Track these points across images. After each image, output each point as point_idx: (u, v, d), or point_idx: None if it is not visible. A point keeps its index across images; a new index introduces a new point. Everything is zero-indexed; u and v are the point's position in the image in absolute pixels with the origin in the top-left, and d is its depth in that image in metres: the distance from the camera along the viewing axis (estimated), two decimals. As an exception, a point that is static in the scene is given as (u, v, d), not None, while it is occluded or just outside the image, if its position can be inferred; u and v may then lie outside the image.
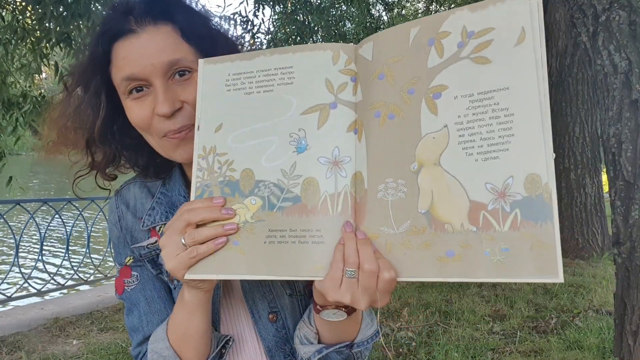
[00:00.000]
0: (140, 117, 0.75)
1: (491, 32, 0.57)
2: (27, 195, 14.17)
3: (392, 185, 0.59)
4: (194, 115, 0.72)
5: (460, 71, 0.57)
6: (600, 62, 2.35)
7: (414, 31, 0.61)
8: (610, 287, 4.48)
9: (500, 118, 0.55)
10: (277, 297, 0.83)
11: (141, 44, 0.73)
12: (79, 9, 4.09)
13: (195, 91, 0.72)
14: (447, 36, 0.59)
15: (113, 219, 0.88)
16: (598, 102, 2.46)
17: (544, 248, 0.52)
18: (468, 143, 0.56)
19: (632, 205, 2.27)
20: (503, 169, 0.54)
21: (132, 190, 0.89)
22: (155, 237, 0.84)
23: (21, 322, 3.64)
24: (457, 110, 0.57)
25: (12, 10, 4.85)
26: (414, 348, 3.24)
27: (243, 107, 0.68)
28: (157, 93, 0.73)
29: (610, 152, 2.37)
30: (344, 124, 0.64)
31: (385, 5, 8.80)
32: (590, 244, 6.20)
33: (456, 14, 0.59)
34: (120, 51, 0.75)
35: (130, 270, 0.86)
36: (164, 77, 0.73)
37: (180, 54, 0.74)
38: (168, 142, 0.76)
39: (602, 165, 6.27)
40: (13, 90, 5.05)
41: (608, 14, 2.27)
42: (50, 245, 7.69)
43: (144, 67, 0.72)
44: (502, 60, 0.56)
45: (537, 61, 0.54)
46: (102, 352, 3.18)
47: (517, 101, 0.54)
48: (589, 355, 3.07)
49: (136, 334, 0.84)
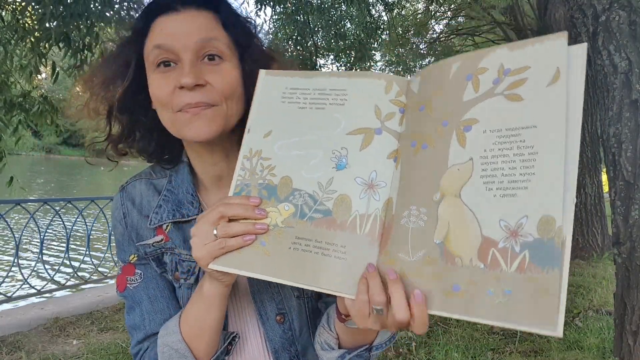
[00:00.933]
0: (162, 90, 0.76)
1: (526, 70, 0.57)
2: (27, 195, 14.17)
3: (415, 213, 0.60)
4: (213, 95, 0.74)
5: (493, 106, 0.58)
6: (600, 62, 2.35)
7: (455, 66, 0.62)
8: (610, 287, 4.48)
9: (524, 155, 0.54)
10: (285, 298, 0.84)
11: (180, 20, 0.76)
12: (78, 8, 4.09)
13: (221, 77, 0.75)
14: (484, 72, 0.60)
15: (118, 216, 0.87)
16: (598, 102, 2.46)
17: (546, 297, 0.50)
18: (489, 177, 0.56)
19: (632, 205, 2.27)
20: (519, 207, 0.53)
21: (137, 187, 0.88)
22: (162, 236, 0.83)
23: (21, 322, 3.64)
24: (484, 145, 0.57)
25: (12, 10, 4.85)
26: (414, 348, 3.24)
27: (294, 119, 0.71)
28: (183, 66, 0.74)
29: (610, 152, 2.37)
30: (385, 150, 0.66)
31: (385, 6, 8.79)
32: (590, 244, 6.20)
33: (496, 52, 0.60)
34: (159, 24, 0.77)
35: (134, 268, 0.85)
36: (194, 55, 0.75)
37: (215, 34, 0.76)
38: (182, 116, 0.75)
39: (602, 165, 6.27)
40: (14, 91, 5.05)
41: (608, 14, 2.27)
42: (51, 245, 7.69)
43: (177, 40, 0.74)
44: (533, 98, 0.56)
45: (570, 102, 0.54)
46: (102, 352, 3.18)
47: (542, 140, 0.54)
48: (589, 355, 3.07)
49: (137, 332, 0.84)
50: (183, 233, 0.83)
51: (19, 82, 5.25)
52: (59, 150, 63.18)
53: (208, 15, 0.78)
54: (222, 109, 0.76)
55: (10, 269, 4.39)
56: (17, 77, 5.20)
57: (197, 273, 0.82)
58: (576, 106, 0.54)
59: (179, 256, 0.83)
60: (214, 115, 0.75)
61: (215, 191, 0.87)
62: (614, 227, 2.40)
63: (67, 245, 4.54)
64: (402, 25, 12.90)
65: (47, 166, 40.69)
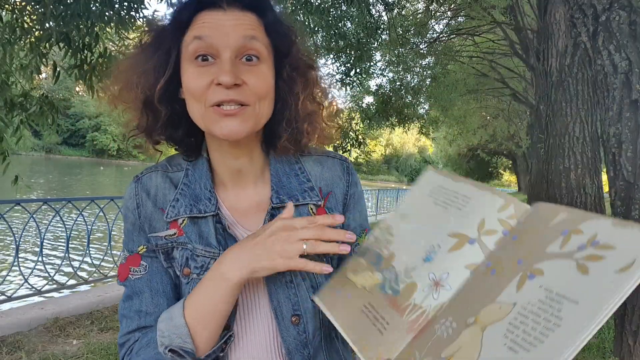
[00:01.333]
0: (198, 83, 0.76)
1: (610, 250, 0.56)
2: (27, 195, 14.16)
3: (447, 324, 0.63)
4: (248, 95, 0.76)
5: (563, 268, 0.58)
6: (600, 62, 2.35)
7: (561, 217, 0.64)
8: (610, 287, 4.48)
9: (549, 323, 0.54)
10: (301, 300, 0.84)
11: (224, 17, 0.77)
12: (78, 8, 4.09)
13: (258, 78, 0.77)
14: (578, 234, 0.60)
15: (131, 205, 0.86)
16: (598, 102, 2.46)
17: None
18: (512, 327, 0.57)
19: (632, 205, 2.27)
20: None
21: (153, 179, 0.87)
22: (175, 229, 0.83)
23: (21, 322, 3.64)
24: (532, 297, 0.58)
25: (11, 10, 4.85)
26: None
27: (426, 211, 0.78)
28: (223, 63, 0.75)
29: (610, 152, 2.37)
30: (468, 260, 0.68)
31: (385, 6, 8.79)
32: (590, 244, 6.19)
33: (599, 221, 0.60)
34: (202, 17, 0.78)
35: (139, 260, 0.84)
36: (234, 53, 0.76)
37: (256, 39, 0.77)
38: (214, 113, 0.76)
39: (602, 165, 6.27)
40: (15, 91, 5.05)
41: (608, 14, 2.27)
42: (51, 245, 7.69)
43: (219, 36, 0.75)
44: (597, 278, 0.55)
45: (624, 295, 0.53)
46: (102, 352, 3.18)
47: (572, 317, 0.54)
48: (589, 355, 3.06)
49: (130, 321, 0.83)
50: (199, 228, 0.83)
51: (20, 82, 5.25)
52: (59, 150, 63.16)
53: (252, 17, 0.79)
54: (253, 110, 0.77)
55: (10, 269, 4.39)
56: (17, 77, 5.21)
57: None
58: (622, 298, 0.53)
59: (193, 251, 0.82)
60: (245, 117, 0.77)
61: (233, 187, 0.88)
62: (614, 227, 2.40)
63: (67, 245, 4.53)
64: (402, 25, 12.90)
65: (47, 166, 40.70)
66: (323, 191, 0.89)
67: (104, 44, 5.20)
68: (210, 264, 0.82)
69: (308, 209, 0.87)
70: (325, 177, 0.91)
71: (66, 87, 53.77)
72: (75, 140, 64.03)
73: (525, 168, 25.34)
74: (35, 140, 53.64)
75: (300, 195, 0.87)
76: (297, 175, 0.89)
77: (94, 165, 46.70)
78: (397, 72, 16.05)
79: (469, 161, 44.78)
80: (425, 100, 17.65)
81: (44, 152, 60.65)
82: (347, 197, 0.92)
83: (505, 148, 27.09)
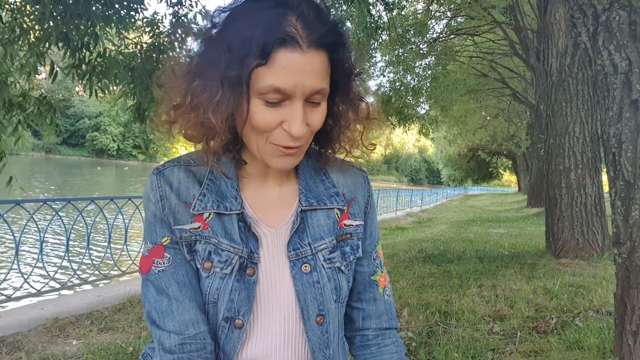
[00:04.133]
0: (267, 122, 0.76)
1: None
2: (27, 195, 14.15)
3: None
4: (310, 138, 0.81)
5: None
6: (600, 62, 2.35)
7: None
8: (610, 287, 4.48)
9: None
10: (326, 300, 0.86)
11: (304, 62, 0.73)
12: (78, 8, 4.09)
13: (318, 119, 0.79)
14: None
15: (154, 197, 0.85)
16: (598, 102, 2.46)
17: None
18: None
19: (632, 205, 2.27)
20: None
21: (176, 173, 0.86)
22: (200, 223, 0.83)
23: (21, 322, 3.64)
24: None
25: (11, 10, 4.85)
26: (414, 348, 3.24)
27: None
28: (296, 113, 0.75)
29: (610, 152, 2.37)
30: None
31: (385, 5, 8.78)
32: (590, 244, 6.20)
33: None
34: (282, 59, 0.72)
35: (163, 251, 0.84)
36: (305, 99, 0.76)
37: (326, 84, 0.78)
38: (275, 149, 0.79)
39: (602, 165, 6.27)
40: (13, 91, 5.05)
41: (608, 14, 2.26)
42: (50, 245, 7.69)
43: (296, 85, 0.73)
44: None
45: None
46: (102, 352, 3.18)
47: None
48: (589, 355, 3.06)
49: (165, 318, 0.81)
50: (223, 224, 0.84)
51: (19, 82, 5.25)
52: (59, 151, 63.15)
53: (324, 56, 0.76)
54: (307, 143, 0.82)
55: (10, 269, 4.39)
56: (16, 77, 5.20)
57: (234, 264, 0.83)
58: None
59: (218, 245, 0.83)
60: (300, 153, 0.82)
61: (258, 184, 0.89)
62: (614, 227, 2.40)
63: (67, 245, 4.53)
64: (402, 25, 12.89)
65: (47, 166, 40.67)
66: (346, 197, 0.92)
67: (103, 44, 5.20)
68: (234, 260, 0.82)
69: (334, 213, 0.90)
70: (348, 184, 0.94)
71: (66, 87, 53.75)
72: (75, 140, 64.02)
73: (525, 168, 25.33)
74: (35, 140, 53.63)
75: (327, 199, 0.89)
76: (322, 181, 0.92)
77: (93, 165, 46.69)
78: (397, 72, 16.06)
79: (469, 161, 44.76)
80: (425, 101, 17.65)
81: (44, 152, 60.63)
82: (367, 205, 0.96)
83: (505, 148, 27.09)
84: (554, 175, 6.39)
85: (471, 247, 7.74)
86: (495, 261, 6.26)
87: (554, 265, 5.79)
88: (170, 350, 0.81)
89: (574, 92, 6.34)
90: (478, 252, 7.07)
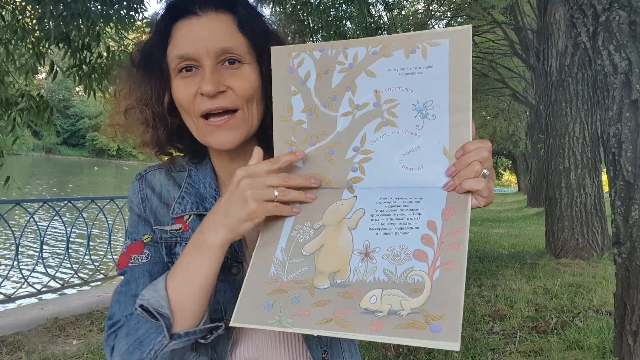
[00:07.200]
0: (184, 94, 0.79)
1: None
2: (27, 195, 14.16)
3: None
4: (234, 99, 0.78)
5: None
6: (600, 62, 2.35)
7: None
8: (610, 287, 4.48)
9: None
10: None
11: (200, 26, 0.78)
12: (78, 8, 4.09)
13: (242, 81, 0.78)
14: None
15: (136, 200, 0.87)
16: (598, 102, 2.46)
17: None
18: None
19: (632, 205, 2.27)
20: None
21: (157, 177, 0.89)
22: (181, 225, 0.84)
23: (21, 322, 3.64)
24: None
25: (12, 10, 4.86)
26: (414, 348, 3.24)
27: None
28: (204, 73, 0.77)
29: (610, 152, 2.37)
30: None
31: (385, 5, 8.79)
32: (590, 244, 6.20)
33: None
34: (180, 30, 0.79)
35: (143, 247, 0.84)
36: (215, 60, 0.77)
37: (234, 42, 0.78)
38: (205, 127, 0.79)
39: (602, 165, 6.27)
40: (12, 90, 5.05)
41: (608, 14, 2.27)
42: (51, 245, 7.69)
43: (198, 48, 0.77)
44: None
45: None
46: (102, 352, 3.18)
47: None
48: (589, 355, 3.06)
49: (123, 306, 0.81)
50: None
51: (18, 81, 5.26)
52: (59, 150, 63.15)
53: (227, 18, 0.79)
54: (243, 114, 0.79)
55: (10, 269, 4.39)
56: (15, 77, 5.21)
57: None
58: None
59: None
60: (236, 124, 0.79)
61: None
62: (614, 227, 2.40)
63: (67, 245, 4.53)
64: (402, 25, 12.89)
65: (47, 166, 40.68)
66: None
67: (104, 43, 5.20)
68: None
69: None
70: None
71: (66, 87, 53.76)
72: (75, 140, 64.00)
73: (525, 168, 25.33)
74: (35, 140, 53.64)
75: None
76: None
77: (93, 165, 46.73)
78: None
79: (468, 161, 44.61)
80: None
81: (44, 153, 60.63)
82: None
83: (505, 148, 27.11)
84: (554, 175, 6.39)
85: (471, 247, 7.74)
86: (495, 261, 6.26)
87: (554, 265, 5.79)
88: (111, 316, 0.82)
89: (573, 92, 6.34)
90: (478, 252, 7.07)
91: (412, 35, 0.69)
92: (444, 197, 0.68)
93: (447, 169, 0.68)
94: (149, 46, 0.83)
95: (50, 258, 6.74)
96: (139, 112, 0.83)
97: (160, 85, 0.82)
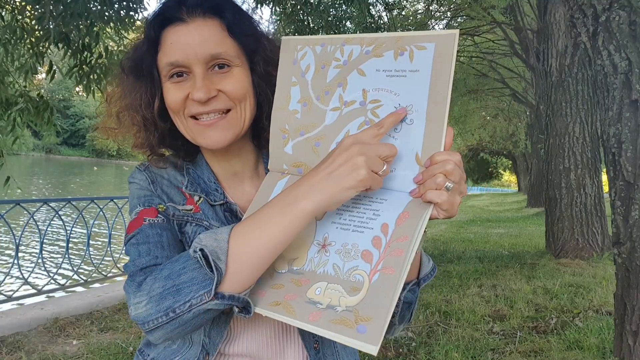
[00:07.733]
0: (175, 98, 0.80)
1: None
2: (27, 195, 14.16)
3: None
4: (227, 101, 0.80)
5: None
6: (600, 62, 2.35)
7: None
8: (610, 287, 4.48)
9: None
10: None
11: (189, 33, 0.79)
12: (78, 8, 4.09)
13: (233, 84, 0.80)
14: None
15: (144, 182, 0.86)
16: (598, 102, 2.46)
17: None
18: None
19: (632, 205, 2.27)
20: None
21: (162, 165, 0.90)
22: (192, 205, 0.85)
23: (21, 322, 3.64)
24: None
25: (11, 10, 4.86)
26: (414, 348, 3.24)
27: None
28: (195, 79, 0.78)
29: (610, 152, 2.37)
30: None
31: (385, 6, 8.79)
32: (590, 244, 6.20)
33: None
34: (169, 37, 0.80)
35: (157, 213, 0.82)
36: (205, 66, 0.79)
37: (223, 48, 0.79)
38: (195, 126, 0.81)
39: (602, 165, 6.27)
40: (12, 90, 5.05)
41: (608, 14, 2.27)
42: (51, 245, 7.69)
43: (187, 55, 0.78)
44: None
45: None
46: (102, 352, 3.18)
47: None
48: (589, 355, 3.06)
49: (141, 258, 0.75)
50: (214, 210, 0.86)
51: (17, 81, 5.26)
52: (59, 151, 63.16)
53: (214, 23, 0.80)
54: (235, 114, 0.81)
55: (10, 268, 4.39)
56: (14, 77, 5.21)
57: None
58: None
59: (209, 228, 0.83)
60: (228, 124, 0.80)
61: (231, 185, 0.90)
62: (614, 227, 2.40)
63: (67, 245, 4.53)
64: (402, 26, 12.88)
65: (47, 166, 40.70)
66: None
67: (104, 43, 5.20)
68: None
69: None
70: None
71: (66, 87, 53.75)
72: (75, 140, 64.00)
73: (525, 168, 25.32)
74: (35, 140, 53.63)
75: None
76: None
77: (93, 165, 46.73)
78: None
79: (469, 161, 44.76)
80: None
81: (44, 153, 60.63)
82: None
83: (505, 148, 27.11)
84: (554, 175, 6.39)
85: (471, 247, 7.74)
86: (495, 261, 6.26)
87: (554, 265, 5.79)
88: (134, 261, 0.75)
89: (573, 92, 6.34)
90: (478, 252, 7.07)
91: (403, 36, 0.69)
92: (405, 202, 0.68)
93: (415, 176, 0.68)
94: (138, 53, 0.84)
95: (50, 258, 6.74)
96: (130, 117, 0.85)
97: (151, 91, 0.84)
